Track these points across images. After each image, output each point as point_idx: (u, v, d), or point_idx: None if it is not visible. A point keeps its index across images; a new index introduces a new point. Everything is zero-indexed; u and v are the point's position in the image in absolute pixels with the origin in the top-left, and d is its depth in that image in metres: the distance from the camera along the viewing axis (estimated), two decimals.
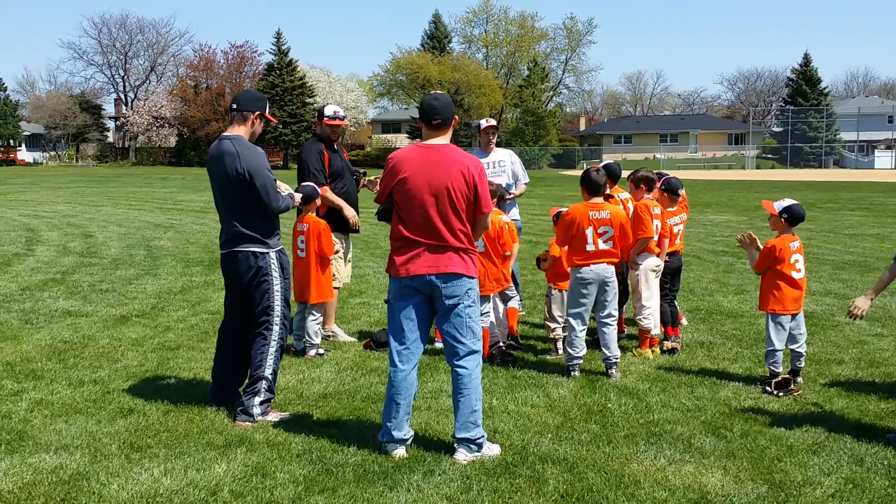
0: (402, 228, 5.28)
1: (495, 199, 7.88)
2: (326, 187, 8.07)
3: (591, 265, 7.09)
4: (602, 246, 7.09)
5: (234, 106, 6.06)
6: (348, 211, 8.19)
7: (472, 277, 5.28)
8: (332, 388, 6.79)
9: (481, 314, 7.80)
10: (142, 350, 8.05)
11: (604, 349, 7.21)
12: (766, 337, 6.93)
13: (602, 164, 8.33)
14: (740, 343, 8.44)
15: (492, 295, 7.69)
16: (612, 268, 7.22)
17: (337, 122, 8.34)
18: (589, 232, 7.07)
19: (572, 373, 7.14)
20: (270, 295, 6.00)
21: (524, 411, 6.21)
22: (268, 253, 5.98)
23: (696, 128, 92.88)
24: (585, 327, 7.27)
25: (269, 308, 6.00)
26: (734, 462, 5.23)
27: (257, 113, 6.07)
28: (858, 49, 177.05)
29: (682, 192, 8.58)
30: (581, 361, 7.22)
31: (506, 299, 8.13)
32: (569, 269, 7.50)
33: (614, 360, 7.19)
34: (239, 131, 6.03)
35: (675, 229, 8.28)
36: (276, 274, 6.01)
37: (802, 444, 5.54)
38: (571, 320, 7.24)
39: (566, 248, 7.49)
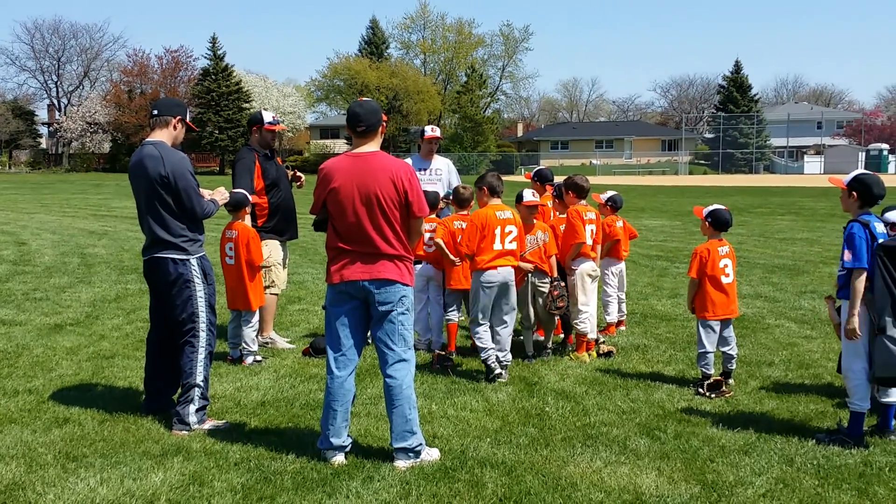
0: (337, 237, 5.28)
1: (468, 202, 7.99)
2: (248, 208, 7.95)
3: (498, 268, 7.27)
4: (508, 245, 7.32)
5: (155, 112, 6.07)
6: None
7: (407, 285, 5.29)
8: (271, 395, 6.75)
9: (450, 309, 8.00)
10: (76, 359, 7.91)
11: (498, 352, 7.40)
12: (697, 340, 7.09)
13: (535, 169, 8.55)
14: (674, 346, 8.61)
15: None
16: (513, 270, 7.42)
17: (277, 127, 8.38)
18: (497, 232, 7.29)
19: (493, 368, 7.25)
20: (194, 302, 5.96)
21: (463, 416, 6.25)
22: (188, 260, 5.94)
23: (630, 134, 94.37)
24: (487, 325, 7.39)
25: (194, 315, 5.96)
26: (668, 463, 5.34)
27: (178, 118, 6.06)
28: (788, 56, 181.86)
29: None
30: (495, 353, 7.36)
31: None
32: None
33: (506, 363, 7.41)
34: (161, 136, 6.01)
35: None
36: (198, 280, 5.97)
37: (734, 444, 5.68)
38: (475, 322, 7.40)
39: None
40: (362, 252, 5.21)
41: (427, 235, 8.04)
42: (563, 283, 7.91)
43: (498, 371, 7.23)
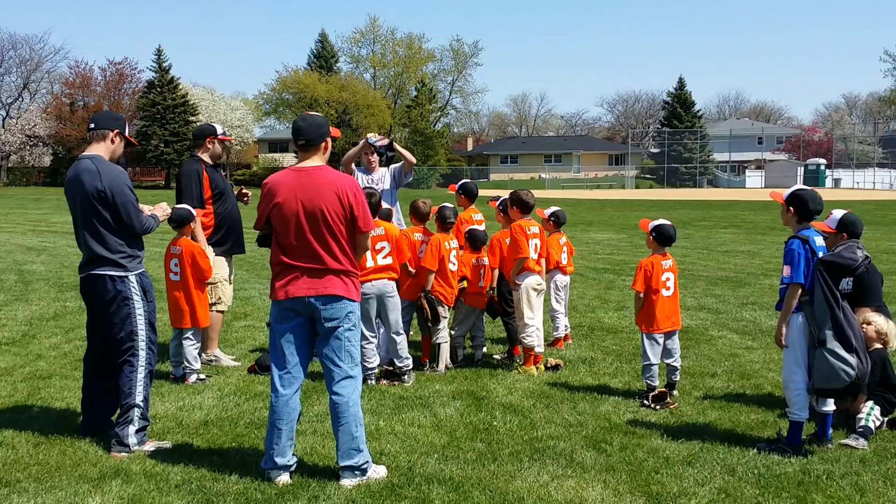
0: (281, 252, 5.23)
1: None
2: (196, 220, 7.84)
3: (373, 281, 7.49)
4: (381, 261, 7.54)
5: (92, 125, 5.95)
6: (209, 252, 7.95)
7: (353, 300, 5.25)
8: (214, 414, 6.64)
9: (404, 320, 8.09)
10: (11, 380, 7.70)
11: (395, 360, 7.67)
12: (642, 352, 7.16)
13: (460, 182, 8.72)
14: (620, 358, 8.67)
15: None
16: (393, 283, 7.64)
17: (227, 137, 8.44)
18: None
19: (369, 381, 7.48)
20: (133, 320, 5.83)
21: (411, 432, 6.22)
22: (127, 276, 5.82)
23: (578, 148, 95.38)
24: (375, 339, 7.66)
25: (133, 333, 5.83)
26: (614, 475, 5.36)
27: (116, 131, 5.94)
28: (730, 73, 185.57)
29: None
30: (376, 371, 7.66)
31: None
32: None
33: (406, 369, 7.66)
34: (99, 150, 5.89)
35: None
36: (137, 297, 5.85)
37: (678, 455, 5.73)
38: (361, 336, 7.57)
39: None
40: (308, 267, 5.15)
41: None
42: (427, 297, 7.99)
43: (371, 383, 7.51)
